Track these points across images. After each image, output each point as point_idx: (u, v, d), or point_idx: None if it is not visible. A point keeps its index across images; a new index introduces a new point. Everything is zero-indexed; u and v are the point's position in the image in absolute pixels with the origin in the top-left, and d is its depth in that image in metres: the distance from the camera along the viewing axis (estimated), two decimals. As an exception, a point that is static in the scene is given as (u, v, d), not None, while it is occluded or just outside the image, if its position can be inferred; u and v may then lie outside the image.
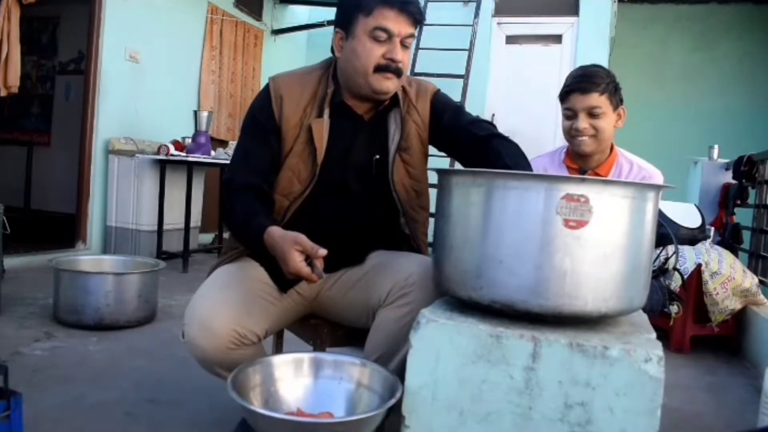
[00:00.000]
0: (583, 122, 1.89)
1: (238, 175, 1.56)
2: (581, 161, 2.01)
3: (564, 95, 1.93)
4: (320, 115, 1.57)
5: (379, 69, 1.50)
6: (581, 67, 1.96)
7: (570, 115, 1.92)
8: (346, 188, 1.62)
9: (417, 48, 5.93)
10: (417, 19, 1.51)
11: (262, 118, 1.58)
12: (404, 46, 1.51)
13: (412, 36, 1.52)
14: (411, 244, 1.69)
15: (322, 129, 1.56)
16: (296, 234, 1.36)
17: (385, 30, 1.47)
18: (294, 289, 1.63)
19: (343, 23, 1.54)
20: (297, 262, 1.31)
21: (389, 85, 1.52)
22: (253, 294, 1.54)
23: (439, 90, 1.72)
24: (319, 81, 1.61)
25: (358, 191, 1.62)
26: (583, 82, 1.88)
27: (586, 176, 1.71)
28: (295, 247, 1.33)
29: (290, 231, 1.38)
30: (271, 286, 1.60)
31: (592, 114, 1.89)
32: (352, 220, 1.62)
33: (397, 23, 1.47)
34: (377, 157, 1.62)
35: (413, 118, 1.64)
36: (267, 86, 1.61)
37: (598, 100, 1.87)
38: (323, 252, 1.32)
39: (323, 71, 1.63)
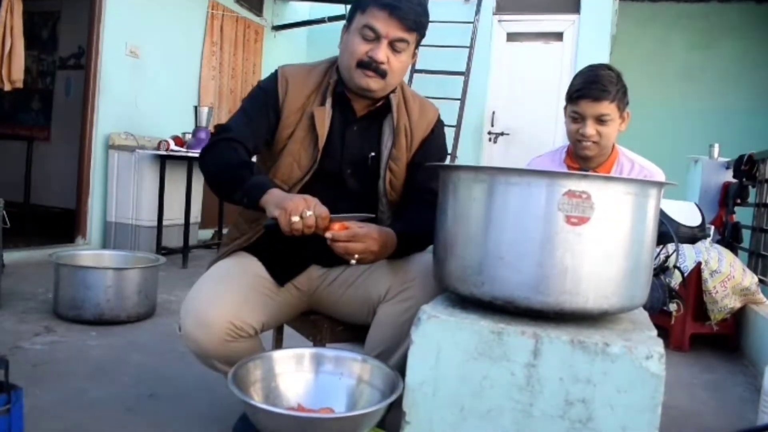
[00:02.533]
0: (590, 128, 1.86)
1: (235, 129, 1.56)
2: (582, 162, 2.01)
3: (574, 99, 1.88)
4: (323, 103, 1.59)
5: (361, 65, 1.51)
6: (592, 69, 1.90)
7: (577, 118, 1.89)
8: (341, 181, 1.63)
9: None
10: (410, 26, 1.49)
11: (267, 94, 1.60)
12: (395, 49, 1.51)
13: (402, 41, 1.50)
14: None
15: (324, 116, 1.58)
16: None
17: (372, 29, 1.48)
18: (292, 283, 1.64)
19: (349, 16, 1.57)
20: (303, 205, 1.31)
21: (370, 83, 1.52)
22: (249, 287, 1.54)
23: (440, 119, 1.73)
24: (325, 72, 1.64)
25: (352, 186, 1.64)
26: (595, 89, 1.83)
27: (587, 173, 1.71)
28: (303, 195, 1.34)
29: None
30: (269, 280, 1.60)
31: (600, 121, 1.86)
32: (347, 212, 1.62)
33: (386, 25, 1.47)
34: (373, 154, 1.63)
35: (406, 133, 1.64)
36: (276, 71, 1.63)
37: (608, 107, 1.84)
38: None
39: (330, 63, 1.66)
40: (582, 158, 1.98)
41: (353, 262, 1.36)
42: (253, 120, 1.58)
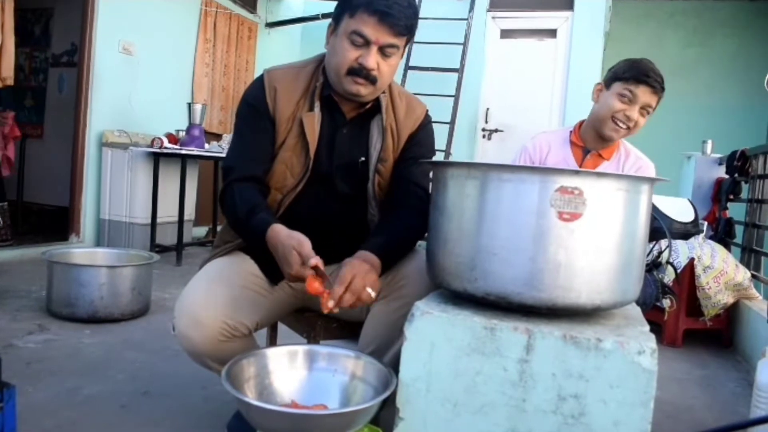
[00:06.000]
0: (636, 113, 1.91)
1: (238, 164, 1.55)
2: (590, 143, 2.03)
3: (633, 80, 1.90)
4: (311, 108, 1.56)
5: (351, 72, 1.47)
6: (650, 62, 1.95)
7: (627, 100, 1.91)
8: (332, 184, 1.61)
9: (411, 42, 5.92)
10: (400, 31, 1.44)
11: (258, 108, 1.56)
12: (384, 54, 1.47)
13: (392, 46, 1.46)
14: None
15: (313, 122, 1.55)
16: (301, 237, 1.35)
17: (361, 35, 1.43)
18: (285, 281, 1.63)
19: (335, 17, 1.51)
20: (298, 265, 1.32)
21: (360, 89, 1.49)
22: (243, 286, 1.53)
23: (428, 116, 1.70)
24: (312, 74, 1.59)
25: (342, 188, 1.62)
26: (657, 81, 1.90)
27: (580, 169, 1.71)
28: (294, 250, 1.33)
29: (295, 231, 1.37)
30: (262, 279, 1.60)
31: (644, 110, 1.93)
32: (339, 216, 1.62)
33: (375, 31, 1.42)
34: (362, 159, 1.61)
35: (392, 133, 1.62)
36: (261, 77, 1.59)
37: (655, 102, 1.93)
38: (314, 261, 1.31)
39: (316, 64, 1.61)
40: (599, 138, 2.00)
41: (373, 295, 1.35)
42: (253, 143, 1.56)
